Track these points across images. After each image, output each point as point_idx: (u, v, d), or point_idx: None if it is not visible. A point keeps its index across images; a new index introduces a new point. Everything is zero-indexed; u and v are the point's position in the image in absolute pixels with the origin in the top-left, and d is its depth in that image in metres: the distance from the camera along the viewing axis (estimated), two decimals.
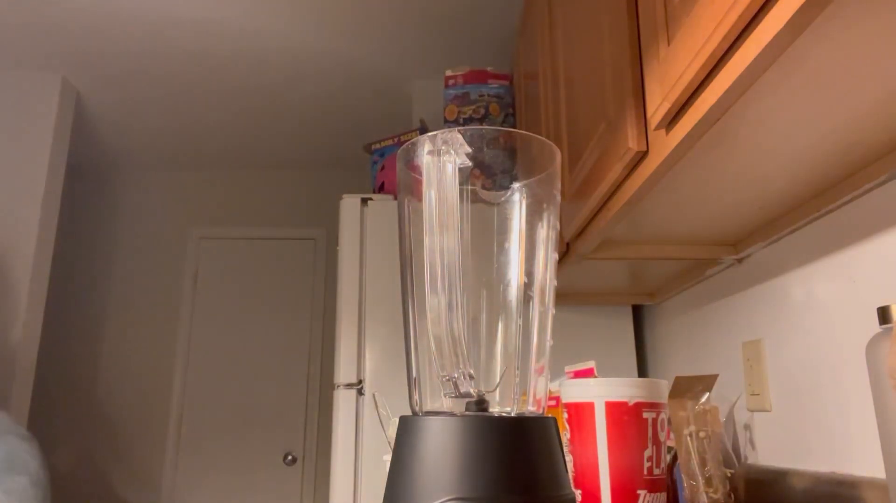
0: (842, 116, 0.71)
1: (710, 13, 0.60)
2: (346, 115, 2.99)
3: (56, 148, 2.71)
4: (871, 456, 0.85)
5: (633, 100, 0.84)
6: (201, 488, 3.11)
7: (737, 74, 0.59)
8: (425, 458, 0.48)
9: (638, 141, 0.83)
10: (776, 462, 1.09)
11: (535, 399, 0.56)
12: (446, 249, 0.51)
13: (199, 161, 3.48)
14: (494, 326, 0.57)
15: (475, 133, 0.55)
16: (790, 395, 1.06)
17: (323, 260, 3.44)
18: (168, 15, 2.28)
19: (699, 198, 0.96)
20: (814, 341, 1.00)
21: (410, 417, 0.52)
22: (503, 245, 0.58)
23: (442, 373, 0.51)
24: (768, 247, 1.13)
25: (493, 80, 2.14)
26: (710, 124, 0.69)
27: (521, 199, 0.58)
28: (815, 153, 0.80)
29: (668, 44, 0.74)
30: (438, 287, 0.51)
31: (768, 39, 0.53)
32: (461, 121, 2.10)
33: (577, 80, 1.17)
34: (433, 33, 2.39)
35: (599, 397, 0.78)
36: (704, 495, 0.96)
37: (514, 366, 0.56)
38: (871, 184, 0.84)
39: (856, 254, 0.90)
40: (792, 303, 1.06)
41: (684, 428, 0.99)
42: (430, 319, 0.51)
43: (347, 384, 1.73)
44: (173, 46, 2.47)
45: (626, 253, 1.22)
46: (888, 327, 0.63)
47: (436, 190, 0.52)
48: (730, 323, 1.28)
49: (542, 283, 0.58)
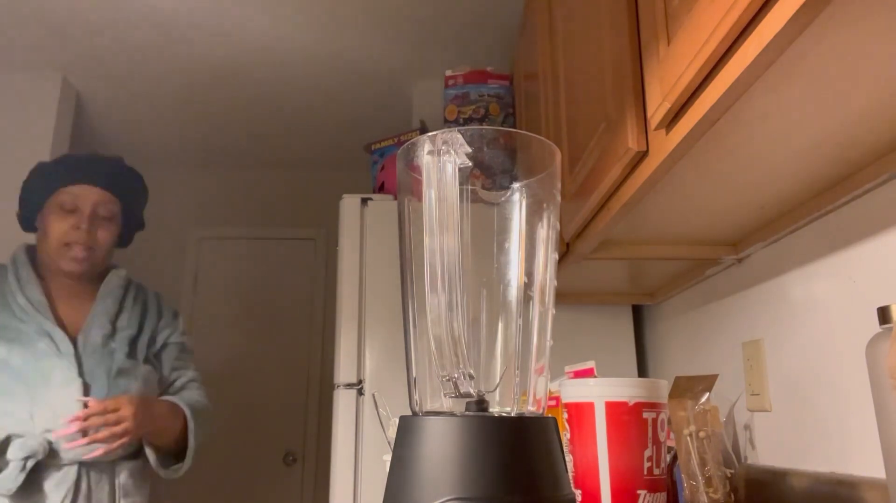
0: (842, 116, 0.71)
1: (710, 13, 0.60)
2: (346, 115, 2.99)
3: (56, 148, 2.70)
4: (871, 456, 0.85)
5: (633, 100, 0.84)
6: (201, 488, 3.11)
7: (737, 74, 0.59)
8: (425, 458, 0.48)
9: (638, 141, 0.83)
10: (776, 462, 1.09)
11: (535, 399, 0.56)
12: (446, 249, 0.51)
13: (198, 161, 3.48)
14: (494, 326, 0.57)
15: (475, 133, 0.55)
16: (790, 395, 1.06)
17: (323, 260, 3.43)
18: (168, 15, 2.28)
19: (699, 198, 0.96)
20: (814, 341, 1.00)
21: (410, 417, 0.52)
22: (503, 245, 0.58)
23: (442, 373, 0.51)
24: (768, 247, 1.13)
25: (493, 80, 2.14)
26: (710, 124, 0.69)
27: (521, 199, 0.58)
28: (815, 153, 0.80)
29: (668, 44, 0.74)
30: (438, 287, 0.51)
31: (768, 39, 0.53)
32: (461, 121, 2.10)
33: (577, 80, 1.17)
34: (433, 33, 2.39)
35: (599, 397, 0.78)
36: (704, 495, 0.96)
37: (514, 366, 0.56)
38: (871, 184, 0.84)
39: (856, 254, 0.90)
40: (792, 303, 1.06)
41: (684, 428, 0.99)
42: (430, 319, 0.51)
43: (347, 384, 1.73)
44: (173, 47, 2.47)
45: (626, 253, 1.22)
46: (888, 327, 0.63)
47: (436, 190, 0.52)
48: (730, 323, 1.28)
49: (542, 283, 0.58)
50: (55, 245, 1.41)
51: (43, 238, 1.44)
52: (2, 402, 1.29)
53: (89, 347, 1.40)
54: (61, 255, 1.41)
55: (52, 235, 1.41)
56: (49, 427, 1.29)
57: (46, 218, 1.43)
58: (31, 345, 1.34)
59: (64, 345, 1.36)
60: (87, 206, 1.43)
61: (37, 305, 1.40)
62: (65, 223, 1.41)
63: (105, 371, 1.38)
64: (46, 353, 1.34)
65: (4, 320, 1.38)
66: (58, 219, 1.41)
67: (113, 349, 1.42)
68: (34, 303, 1.41)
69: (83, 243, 1.41)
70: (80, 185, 1.44)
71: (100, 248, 1.46)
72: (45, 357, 1.34)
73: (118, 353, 1.43)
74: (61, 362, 1.34)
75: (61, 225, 1.41)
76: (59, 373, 1.33)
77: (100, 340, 1.41)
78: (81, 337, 1.40)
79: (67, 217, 1.42)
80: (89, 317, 1.44)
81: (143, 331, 1.51)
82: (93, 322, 1.43)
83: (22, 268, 1.45)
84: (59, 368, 1.33)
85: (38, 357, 1.33)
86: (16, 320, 1.37)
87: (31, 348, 1.34)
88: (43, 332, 1.36)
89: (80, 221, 1.41)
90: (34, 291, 1.42)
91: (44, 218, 1.44)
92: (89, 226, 1.42)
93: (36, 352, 1.34)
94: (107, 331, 1.43)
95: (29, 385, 1.31)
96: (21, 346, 1.33)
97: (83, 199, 1.43)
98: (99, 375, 1.37)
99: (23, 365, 1.32)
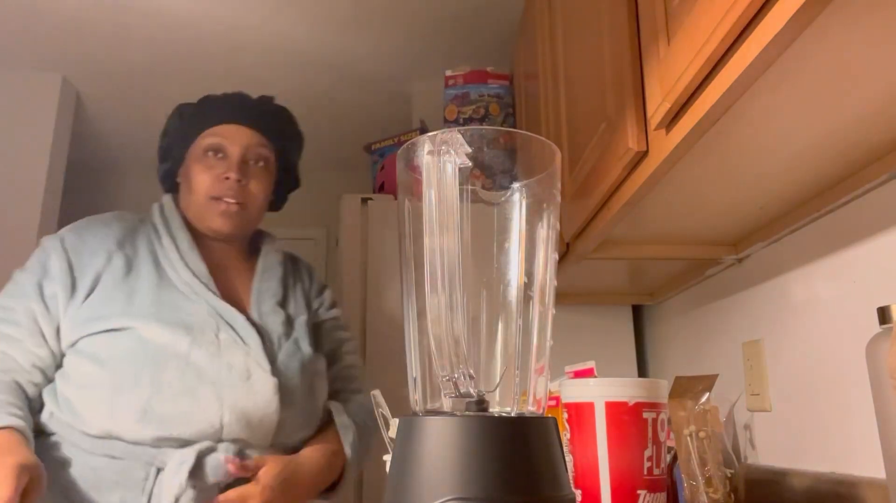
0: (842, 116, 0.71)
1: (710, 13, 0.60)
2: (346, 115, 2.99)
3: (56, 148, 2.71)
4: (871, 456, 0.85)
5: (633, 100, 0.84)
6: None
7: (737, 74, 0.59)
8: (425, 458, 0.48)
9: (638, 141, 0.83)
10: (776, 462, 1.09)
11: (535, 399, 0.56)
12: (446, 249, 0.51)
13: None
14: (494, 326, 0.57)
15: (475, 133, 0.55)
16: (790, 395, 1.06)
17: (323, 260, 3.43)
18: (168, 14, 2.28)
19: (699, 197, 0.96)
20: (814, 341, 1.00)
21: (410, 417, 0.52)
22: (503, 245, 0.58)
23: (442, 374, 0.51)
24: (768, 247, 1.13)
25: (493, 80, 2.14)
26: (710, 124, 0.69)
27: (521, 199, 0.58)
28: (815, 153, 0.80)
29: (668, 43, 0.74)
30: (438, 287, 0.51)
31: (768, 39, 0.53)
32: (461, 121, 2.10)
33: (577, 80, 1.17)
34: (433, 33, 2.39)
35: (599, 397, 0.78)
36: (704, 495, 0.96)
37: (514, 366, 0.56)
38: (871, 184, 0.84)
39: (856, 254, 0.90)
40: (792, 303, 1.06)
41: (684, 428, 0.99)
42: (430, 319, 0.51)
43: None
44: (174, 46, 2.47)
45: (626, 253, 1.22)
46: (888, 327, 0.63)
47: (436, 190, 0.52)
48: (730, 323, 1.28)
49: (542, 283, 0.57)
50: (202, 200, 1.15)
51: (187, 193, 1.18)
52: (187, 405, 1.00)
53: (273, 335, 1.13)
54: (209, 211, 1.15)
55: (197, 188, 1.15)
56: (240, 436, 1.02)
57: (190, 168, 1.17)
58: (208, 332, 1.05)
59: (247, 333, 1.08)
60: (237, 150, 1.16)
61: (204, 279, 1.11)
62: (211, 172, 1.15)
63: (299, 366, 1.11)
64: (229, 345, 1.06)
65: (169, 297, 1.07)
66: (203, 168, 1.16)
67: (296, 339, 1.15)
68: (200, 276, 1.11)
69: (233, 195, 1.15)
70: (226, 125, 1.18)
71: (252, 203, 1.18)
72: (229, 349, 1.05)
73: (303, 343, 1.16)
74: (248, 357, 1.06)
75: (207, 175, 1.15)
76: (253, 373, 1.05)
77: (280, 327, 1.14)
78: (256, 320, 1.13)
79: (214, 165, 1.16)
80: (253, 296, 1.16)
81: (309, 314, 1.24)
82: (261, 302, 1.16)
83: (178, 230, 1.16)
84: (250, 364, 1.05)
85: (222, 349, 1.05)
86: (182, 297, 1.08)
87: (211, 337, 1.05)
88: (216, 315, 1.08)
89: (228, 169, 1.15)
90: (197, 261, 1.13)
91: (187, 169, 1.18)
92: (239, 173, 1.15)
93: (218, 343, 1.05)
94: (282, 317, 1.16)
95: (216, 385, 1.02)
96: (200, 335, 1.04)
97: (231, 142, 1.17)
98: (293, 371, 1.10)
99: (207, 361, 1.03)
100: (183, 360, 1.01)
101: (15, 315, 1.04)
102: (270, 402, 1.04)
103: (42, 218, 2.63)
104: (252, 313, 1.14)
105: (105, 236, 1.12)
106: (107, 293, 1.06)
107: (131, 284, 1.07)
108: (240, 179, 1.15)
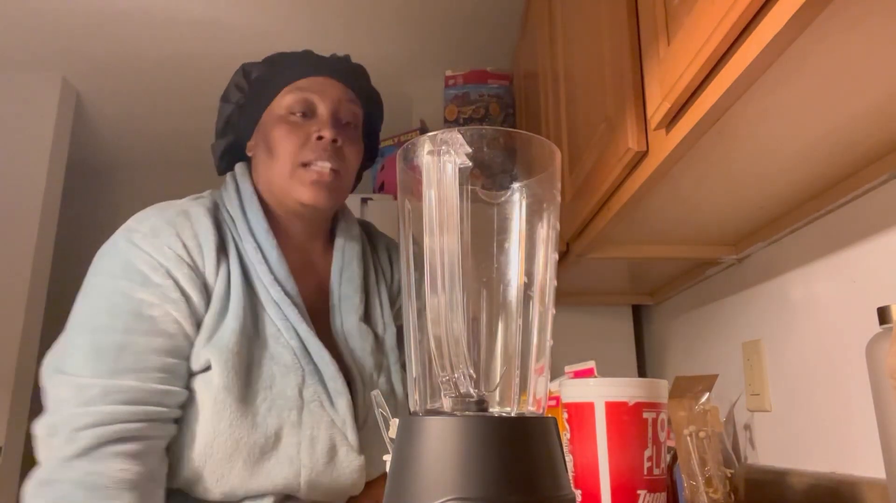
0: (842, 116, 0.71)
1: (710, 13, 0.60)
2: None
3: (56, 148, 2.71)
4: (871, 456, 0.85)
5: (633, 100, 0.84)
6: None
7: (737, 74, 0.59)
8: (425, 458, 0.48)
9: (638, 141, 0.83)
10: (776, 462, 1.09)
11: (535, 399, 0.56)
12: (446, 249, 0.51)
13: (199, 161, 3.47)
14: (494, 326, 0.57)
15: (475, 133, 0.55)
16: (790, 395, 1.06)
17: None
18: (169, 15, 2.28)
19: (699, 197, 0.96)
20: (814, 341, 1.00)
21: (410, 417, 0.52)
22: (503, 245, 0.58)
23: (442, 374, 0.51)
24: (768, 247, 1.13)
25: (493, 80, 2.14)
26: (710, 124, 0.69)
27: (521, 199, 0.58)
28: (815, 153, 0.80)
29: (668, 44, 0.74)
30: (438, 287, 0.51)
31: (768, 39, 0.53)
32: (461, 121, 2.10)
33: (577, 80, 1.17)
34: (433, 33, 2.39)
35: (599, 397, 0.78)
36: (704, 495, 0.96)
37: (514, 366, 0.56)
38: (871, 184, 0.84)
39: (856, 254, 0.90)
40: (792, 303, 1.06)
41: (684, 428, 0.99)
42: (430, 319, 0.51)
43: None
44: (174, 46, 2.47)
45: (626, 253, 1.22)
46: (888, 327, 0.63)
47: (436, 190, 0.52)
48: (729, 323, 1.28)
49: (542, 283, 0.57)
50: (287, 168, 0.92)
51: (266, 162, 0.95)
52: (256, 482, 0.81)
53: (364, 374, 0.92)
54: (297, 180, 0.92)
55: (282, 155, 0.92)
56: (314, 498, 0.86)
57: (270, 134, 0.94)
58: (290, 390, 0.84)
59: (336, 388, 0.87)
60: (328, 105, 0.95)
61: (294, 298, 0.89)
62: (299, 133, 0.93)
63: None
64: (313, 410, 0.85)
65: (252, 328, 0.85)
66: (287, 131, 0.93)
67: (389, 376, 0.95)
68: (291, 294, 0.89)
69: (328, 158, 0.92)
70: (312, 78, 0.96)
71: (346, 170, 0.95)
72: (313, 416, 0.85)
73: (396, 381, 0.95)
74: (334, 429, 0.85)
75: (294, 138, 0.92)
76: (339, 449, 0.85)
77: (370, 358, 0.93)
78: (345, 356, 0.92)
79: (301, 125, 0.93)
80: (334, 305, 0.95)
81: (394, 319, 1.03)
82: (344, 316, 0.95)
83: (257, 223, 0.92)
84: (336, 437, 0.85)
85: (304, 416, 0.84)
86: (271, 336, 0.86)
87: (293, 398, 0.84)
88: (303, 360, 0.86)
89: (320, 127, 0.93)
90: (285, 271, 0.90)
91: (265, 136, 0.96)
92: (334, 131, 0.92)
93: (301, 405, 0.85)
94: (370, 341, 0.95)
95: (293, 464, 0.83)
96: (280, 397, 0.83)
97: (322, 96, 0.95)
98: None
99: (285, 431, 0.83)
100: (251, 423, 0.81)
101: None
102: (356, 485, 0.87)
103: (42, 218, 2.63)
104: (336, 335, 0.93)
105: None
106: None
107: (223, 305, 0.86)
108: (335, 139, 0.92)
